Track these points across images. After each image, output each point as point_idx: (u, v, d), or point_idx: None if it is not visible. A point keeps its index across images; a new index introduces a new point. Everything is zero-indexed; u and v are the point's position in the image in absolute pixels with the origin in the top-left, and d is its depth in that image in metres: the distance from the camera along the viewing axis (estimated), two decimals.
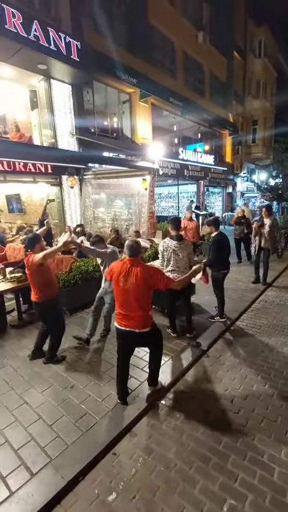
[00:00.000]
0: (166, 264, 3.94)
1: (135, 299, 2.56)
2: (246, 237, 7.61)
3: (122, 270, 2.60)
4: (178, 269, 3.85)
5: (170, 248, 3.86)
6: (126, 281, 2.55)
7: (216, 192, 18.72)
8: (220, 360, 3.63)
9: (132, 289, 2.54)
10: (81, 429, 2.51)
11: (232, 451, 2.34)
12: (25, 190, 10.16)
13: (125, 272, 2.58)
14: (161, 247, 4.01)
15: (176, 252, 3.83)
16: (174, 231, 3.93)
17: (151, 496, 2.01)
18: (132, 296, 2.56)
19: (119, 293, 2.63)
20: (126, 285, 2.55)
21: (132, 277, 2.54)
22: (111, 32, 9.28)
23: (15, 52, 6.70)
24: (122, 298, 2.62)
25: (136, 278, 2.53)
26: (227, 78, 17.19)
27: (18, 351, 3.79)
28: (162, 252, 3.97)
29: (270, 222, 6.00)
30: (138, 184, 7.54)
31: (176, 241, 3.85)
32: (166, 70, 12.48)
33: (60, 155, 7.81)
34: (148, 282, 2.55)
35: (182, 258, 3.84)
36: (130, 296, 2.57)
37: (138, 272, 2.54)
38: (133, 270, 2.56)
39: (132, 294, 2.55)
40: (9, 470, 2.16)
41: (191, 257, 3.95)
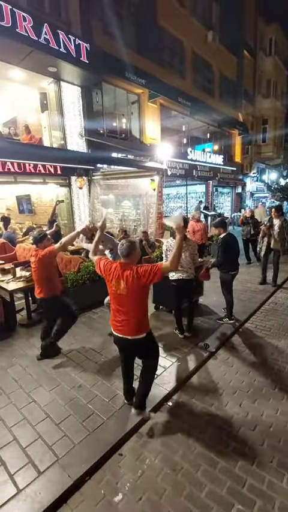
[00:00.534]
0: None
1: (127, 305, 2.38)
2: (254, 237, 7.53)
3: (114, 274, 2.38)
4: (182, 269, 3.87)
5: (173, 248, 3.86)
6: (118, 286, 2.35)
7: (225, 193, 18.55)
8: (228, 362, 3.59)
9: (124, 295, 2.35)
10: (88, 429, 2.52)
11: (240, 456, 2.30)
12: (35, 191, 10.30)
13: (117, 276, 2.36)
14: (164, 246, 4.07)
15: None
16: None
17: (157, 499, 2.00)
18: (124, 302, 2.38)
19: (111, 297, 2.47)
20: (118, 290, 2.35)
21: (123, 283, 2.32)
22: (120, 34, 9.31)
23: (26, 55, 6.80)
24: (115, 304, 2.45)
25: (127, 283, 2.31)
26: (236, 77, 17.01)
27: (27, 350, 3.84)
28: (166, 252, 4.03)
29: (280, 222, 5.91)
30: (147, 185, 7.54)
31: None
32: (175, 70, 12.45)
33: (69, 156, 7.88)
34: (141, 282, 2.30)
35: (184, 258, 3.83)
36: (122, 302, 2.39)
37: (128, 276, 2.31)
38: (124, 274, 2.33)
39: (125, 300, 2.37)
40: (17, 468, 2.19)
41: (194, 257, 3.94)
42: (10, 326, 4.35)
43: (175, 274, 3.90)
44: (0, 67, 7.19)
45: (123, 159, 9.13)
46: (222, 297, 4.63)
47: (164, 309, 4.98)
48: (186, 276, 3.89)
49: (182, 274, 3.88)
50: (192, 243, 4.02)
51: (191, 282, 3.99)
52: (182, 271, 3.87)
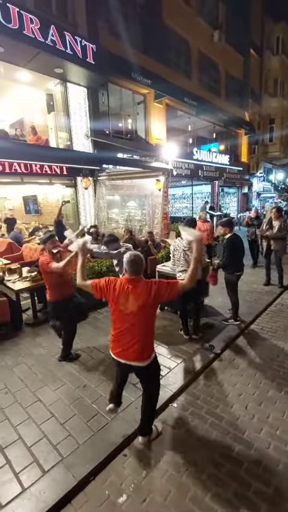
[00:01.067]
0: (177, 263, 3.96)
1: (135, 327, 2.12)
2: (258, 238, 7.44)
3: (120, 291, 2.12)
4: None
5: (180, 248, 3.88)
6: (127, 305, 2.09)
7: (231, 193, 18.42)
8: (234, 363, 3.55)
9: (132, 315, 2.10)
10: (93, 429, 2.52)
11: (246, 459, 2.27)
12: (41, 191, 10.39)
13: (125, 293, 2.10)
14: (171, 247, 4.05)
15: (186, 252, 3.82)
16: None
17: (162, 500, 1.98)
18: (132, 324, 2.12)
19: (116, 316, 2.18)
20: (127, 309, 2.09)
21: (133, 302, 2.08)
22: (126, 34, 9.34)
23: (33, 57, 6.87)
24: (120, 324, 2.17)
25: (138, 302, 2.07)
26: (243, 77, 16.90)
27: (33, 349, 3.86)
28: (173, 252, 4.01)
29: (279, 224, 5.88)
30: (152, 185, 7.52)
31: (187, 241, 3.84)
32: (181, 70, 12.42)
33: (75, 156, 7.93)
34: (153, 299, 2.10)
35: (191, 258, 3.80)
36: (129, 323, 2.12)
37: (139, 294, 2.08)
38: (134, 292, 2.09)
39: (133, 321, 2.11)
40: (21, 467, 2.20)
41: (202, 258, 3.91)
42: (16, 325, 4.39)
43: (182, 274, 3.87)
44: (8, 69, 7.28)
45: (129, 160, 9.14)
46: (227, 297, 4.59)
47: (169, 310, 4.96)
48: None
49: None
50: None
51: (198, 283, 3.93)
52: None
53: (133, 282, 2.11)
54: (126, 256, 2.16)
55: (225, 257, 4.21)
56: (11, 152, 6.46)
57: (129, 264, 2.12)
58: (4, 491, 2.02)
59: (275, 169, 22.32)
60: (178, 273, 3.95)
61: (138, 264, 2.13)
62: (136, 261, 2.12)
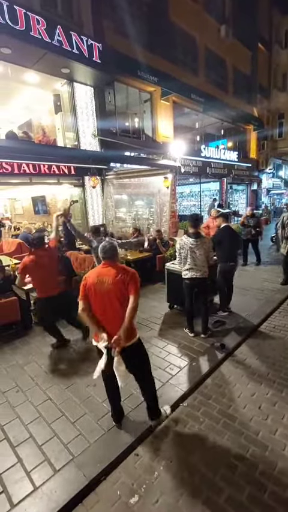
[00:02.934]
0: (184, 262, 3.87)
1: (113, 304, 2.23)
2: (255, 237, 7.28)
3: (95, 275, 2.30)
4: (196, 267, 3.77)
5: (187, 246, 3.79)
6: (103, 283, 2.24)
7: (240, 190, 18.14)
8: (246, 363, 3.48)
9: (109, 292, 2.22)
10: (103, 428, 2.50)
11: (260, 461, 2.21)
12: (50, 192, 10.46)
13: (99, 275, 2.28)
14: (177, 245, 3.96)
15: (193, 250, 3.75)
16: (191, 228, 3.87)
17: (174, 502, 1.94)
18: (110, 301, 2.23)
19: (95, 301, 2.28)
20: (103, 288, 2.23)
21: (107, 278, 2.24)
22: (131, 32, 9.28)
23: (40, 58, 6.89)
24: (99, 306, 2.28)
25: (113, 277, 2.23)
26: (251, 72, 16.59)
27: (43, 348, 3.88)
28: (179, 250, 3.90)
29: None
30: (160, 183, 7.46)
31: (193, 238, 3.77)
32: (188, 67, 12.28)
33: (83, 155, 7.93)
34: (124, 280, 2.23)
35: (199, 256, 3.74)
36: (107, 301, 2.23)
37: (112, 272, 2.26)
38: (110, 270, 2.28)
39: (110, 298, 2.23)
40: (33, 465, 2.19)
41: (209, 255, 3.84)
42: (26, 324, 4.42)
43: (188, 272, 3.81)
44: (15, 70, 7.33)
45: (136, 157, 9.09)
46: (238, 295, 4.54)
47: (178, 308, 4.91)
48: (200, 275, 3.79)
49: (196, 273, 3.78)
50: (206, 240, 3.89)
51: (205, 281, 3.88)
52: (196, 269, 3.78)
53: (108, 264, 2.33)
54: (101, 244, 2.40)
55: (214, 242, 4.29)
56: (20, 153, 6.50)
57: (100, 250, 2.36)
58: (16, 490, 2.02)
59: (285, 165, 21.88)
60: (184, 271, 3.86)
61: (106, 248, 2.34)
62: (104, 246, 2.35)
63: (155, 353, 3.64)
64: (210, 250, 3.89)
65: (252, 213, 7.59)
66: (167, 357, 3.54)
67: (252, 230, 7.20)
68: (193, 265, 3.78)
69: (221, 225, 4.53)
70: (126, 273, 2.27)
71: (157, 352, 3.67)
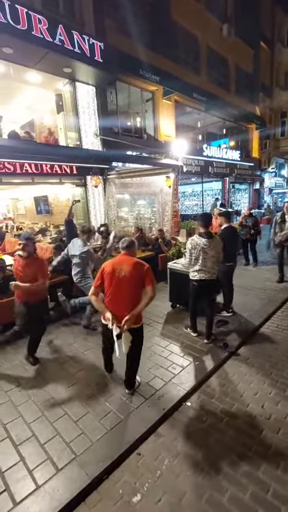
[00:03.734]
0: (194, 263, 3.71)
1: (127, 289, 2.60)
2: (253, 237, 7.20)
3: (115, 262, 2.68)
4: (205, 268, 3.64)
5: (199, 246, 3.62)
6: (121, 270, 2.60)
7: (242, 189, 18.09)
8: (249, 362, 3.46)
9: (125, 278, 2.59)
10: (106, 427, 2.50)
11: (263, 459, 2.20)
12: (52, 191, 10.48)
13: (119, 263, 2.66)
14: (189, 244, 3.75)
15: (205, 250, 3.60)
16: (203, 228, 3.70)
17: (177, 501, 1.94)
18: (125, 286, 2.59)
19: (110, 284, 2.64)
20: (121, 274, 2.59)
21: (126, 267, 2.60)
22: (133, 31, 9.27)
23: (42, 57, 6.90)
24: (113, 290, 2.63)
25: (130, 267, 2.60)
26: (253, 70, 16.54)
27: (45, 347, 3.88)
28: (191, 250, 3.71)
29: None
30: (162, 183, 7.45)
31: (206, 238, 3.62)
32: (190, 66, 12.25)
33: (85, 154, 7.92)
34: (140, 273, 2.61)
35: (210, 257, 3.62)
36: (123, 286, 2.60)
37: (132, 262, 2.64)
38: (128, 260, 2.67)
39: (126, 284, 2.59)
40: (35, 464, 2.19)
41: (219, 255, 3.72)
42: None
43: (197, 274, 3.68)
44: (17, 70, 7.34)
45: (138, 157, 9.08)
46: (242, 295, 4.53)
47: (181, 307, 4.90)
48: (209, 277, 3.66)
49: (205, 274, 3.65)
50: (218, 240, 3.73)
51: (213, 283, 3.77)
52: (205, 271, 3.64)
53: (126, 254, 2.74)
54: (124, 239, 2.81)
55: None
56: (22, 152, 6.51)
57: (121, 242, 2.77)
58: (19, 488, 2.02)
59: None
60: (193, 272, 3.73)
61: (127, 240, 2.78)
62: (125, 239, 2.80)
63: (157, 352, 3.63)
64: (221, 251, 3.74)
65: (250, 212, 7.53)
66: (169, 356, 3.53)
67: (251, 230, 7.16)
68: (203, 267, 3.64)
69: (223, 225, 4.46)
70: (143, 266, 2.64)
71: (159, 351, 3.66)
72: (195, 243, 3.67)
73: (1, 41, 6.15)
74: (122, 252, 2.77)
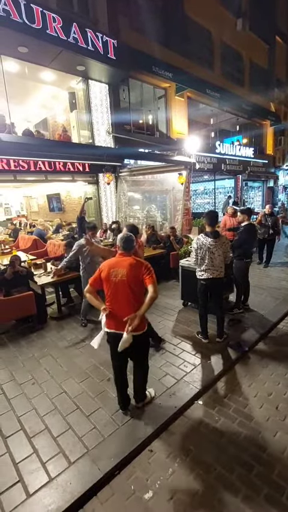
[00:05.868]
0: (200, 262, 3.64)
1: (126, 294, 2.34)
2: (271, 237, 6.88)
3: (111, 265, 2.41)
4: (213, 268, 3.56)
5: (205, 246, 3.55)
6: (117, 274, 2.35)
7: (255, 187, 17.75)
8: (262, 362, 3.39)
9: (122, 282, 2.33)
10: (117, 423, 2.50)
11: (278, 461, 2.15)
12: (64, 189, 10.59)
13: (114, 265, 2.39)
14: (194, 244, 3.69)
15: (211, 250, 3.53)
16: (209, 227, 3.61)
17: (189, 500, 1.92)
18: (123, 291, 2.34)
19: (109, 289, 2.41)
20: (117, 278, 2.34)
21: (121, 270, 2.34)
22: (146, 27, 9.21)
23: (56, 56, 6.96)
24: (112, 295, 2.40)
25: (125, 270, 2.33)
26: (268, 65, 16.14)
27: (58, 342, 3.93)
28: (196, 250, 3.64)
29: None
30: (174, 180, 7.39)
31: (212, 238, 3.54)
32: (203, 61, 12.07)
33: (98, 152, 7.96)
34: (138, 273, 2.33)
35: (217, 256, 3.55)
36: (120, 291, 2.35)
37: (127, 263, 2.36)
38: (123, 261, 2.39)
39: (123, 288, 2.33)
40: (48, 457, 2.22)
41: (227, 255, 3.64)
42: (41, 319, 4.48)
43: (204, 273, 3.62)
44: (32, 69, 7.44)
45: (151, 154, 9.04)
46: (255, 293, 4.44)
47: (192, 306, 4.85)
48: (217, 275, 3.60)
49: (213, 273, 3.59)
50: (225, 239, 3.66)
51: (221, 281, 3.70)
52: (213, 270, 3.58)
53: (123, 255, 2.45)
54: (119, 235, 2.54)
55: (239, 240, 4.22)
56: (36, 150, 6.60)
57: (119, 240, 2.47)
58: (32, 480, 2.05)
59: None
60: (200, 272, 3.67)
61: (126, 239, 2.46)
62: (125, 237, 2.47)
63: (169, 350, 3.61)
64: (228, 250, 3.67)
65: (271, 211, 7.05)
66: (181, 354, 3.50)
67: (270, 229, 6.87)
68: (210, 266, 3.58)
69: (244, 222, 4.37)
70: (140, 266, 2.38)
71: (171, 349, 3.64)
72: (201, 242, 3.60)
73: (17, 40, 6.24)
74: (118, 251, 2.50)
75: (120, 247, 2.47)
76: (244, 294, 4.64)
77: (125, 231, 2.87)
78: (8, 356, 3.66)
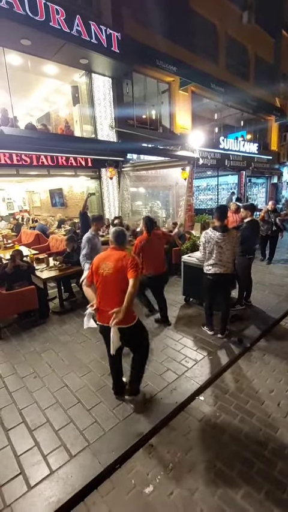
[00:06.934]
0: (208, 257, 3.63)
1: (113, 287, 2.37)
2: (274, 234, 6.81)
3: (102, 258, 2.48)
4: (221, 262, 3.53)
5: (213, 240, 3.53)
6: (105, 267, 2.40)
7: (259, 183, 17.60)
8: (264, 359, 3.38)
9: (109, 276, 2.37)
10: (118, 417, 2.50)
11: (279, 459, 2.14)
12: (67, 184, 10.56)
13: (104, 258, 2.46)
14: (202, 238, 3.68)
15: (220, 245, 3.50)
16: (218, 221, 3.59)
17: (189, 495, 1.92)
18: (110, 284, 2.38)
19: (98, 283, 2.46)
20: (105, 271, 2.39)
21: (109, 263, 2.39)
22: (150, 20, 9.07)
23: (59, 49, 6.88)
24: (101, 288, 2.44)
25: (113, 263, 2.38)
26: (274, 60, 15.90)
27: (60, 336, 3.93)
28: (204, 244, 3.63)
29: None
30: (177, 176, 7.35)
31: (220, 232, 3.51)
32: (207, 55, 11.89)
33: (101, 146, 7.89)
34: (124, 267, 2.34)
35: (225, 251, 3.51)
36: (109, 284, 2.39)
37: (116, 257, 2.41)
38: (112, 255, 2.44)
39: (111, 281, 2.37)
40: (49, 450, 2.23)
41: (235, 250, 3.60)
42: (43, 313, 4.49)
43: (212, 268, 3.59)
44: (35, 63, 7.38)
45: (154, 148, 8.96)
46: (257, 290, 4.41)
47: (194, 301, 4.84)
48: (225, 271, 3.57)
49: (220, 268, 3.55)
50: (234, 234, 3.61)
51: (228, 277, 3.67)
52: (220, 265, 3.54)
53: (113, 249, 2.49)
54: (112, 229, 2.58)
55: (242, 236, 4.13)
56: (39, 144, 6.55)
57: (111, 234, 2.51)
58: (33, 472, 2.06)
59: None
60: (208, 266, 3.64)
61: (118, 234, 2.50)
62: (117, 232, 2.51)
63: (170, 345, 3.60)
64: (237, 245, 3.66)
65: (274, 207, 6.99)
66: (182, 350, 3.50)
67: (273, 226, 6.82)
68: (218, 261, 3.55)
69: (247, 218, 4.34)
70: (127, 259, 2.38)
71: (172, 344, 3.63)
72: (209, 236, 3.59)
73: (19, 32, 6.17)
74: (110, 245, 2.54)
75: (112, 242, 2.50)
76: (246, 290, 4.63)
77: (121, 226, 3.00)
78: (10, 349, 3.68)
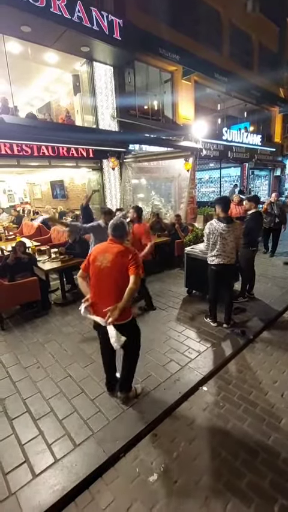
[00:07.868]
0: (211, 248, 3.62)
1: (109, 281, 2.26)
2: (277, 226, 6.76)
3: (100, 250, 2.36)
4: (224, 253, 3.53)
5: (217, 231, 3.51)
6: (103, 260, 2.28)
7: (262, 175, 17.43)
8: (267, 350, 3.37)
9: (107, 269, 2.25)
10: (122, 407, 2.50)
11: (283, 448, 2.14)
12: (68, 176, 10.46)
13: (103, 251, 2.33)
14: (206, 229, 3.66)
15: (223, 236, 3.48)
16: (223, 212, 3.56)
17: (194, 483, 1.92)
18: (106, 277, 2.26)
19: (93, 275, 2.34)
20: (102, 264, 2.27)
21: (108, 256, 2.27)
22: (153, 7, 8.83)
23: (60, 36, 6.71)
24: (96, 281, 2.32)
25: (112, 256, 2.26)
26: (278, 49, 15.53)
27: (62, 327, 3.93)
28: (208, 235, 3.62)
29: None
30: (179, 167, 7.26)
31: (225, 223, 3.49)
32: (211, 44, 11.61)
33: (102, 137, 7.78)
34: (124, 262, 2.24)
35: (229, 242, 3.50)
36: (104, 277, 2.27)
37: (115, 250, 2.28)
38: (112, 247, 2.31)
39: (107, 275, 2.25)
40: (54, 439, 2.23)
41: (238, 241, 3.59)
42: (45, 304, 4.48)
43: (215, 258, 3.59)
44: (35, 50, 7.21)
45: (157, 139, 8.82)
46: (261, 282, 4.40)
47: (197, 294, 4.82)
48: (228, 261, 3.57)
49: (224, 259, 3.55)
50: (238, 225, 3.59)
51: (231, 267, 3.68)
52: (224, 256, 3.54)
53: (112, 241, 2.37)
54: (111, 221, 2.45)
55: (246, 228, 4.09)
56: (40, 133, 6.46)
57: (110, 226, 2.39)
58: (38, 461, 2.07)
59: None
60: (211, 257, 3.64)
61: (117, 226, 2.38)
62: (115, 224, 2.39)
63: (173, 337, 3.60)
64: (241, 236, 3.64)
65: (277, 199, 6.93)
66: (185, 341, 3.49)
67: (276, 218, 6.77)
68: (221, 252, 3.54)
69: (251, 210, 4.32)
70: (127, 254, 2.27)
71: (175, 335, 3.63)
72: (213, 227, 3.57)
73: (20, 19, 6.01)
74: (109, 237, 2.41)
75: (111, 234, 2.39)
76: (249, 283, 4.60)
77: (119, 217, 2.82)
78: (13, 340, 3.68)
